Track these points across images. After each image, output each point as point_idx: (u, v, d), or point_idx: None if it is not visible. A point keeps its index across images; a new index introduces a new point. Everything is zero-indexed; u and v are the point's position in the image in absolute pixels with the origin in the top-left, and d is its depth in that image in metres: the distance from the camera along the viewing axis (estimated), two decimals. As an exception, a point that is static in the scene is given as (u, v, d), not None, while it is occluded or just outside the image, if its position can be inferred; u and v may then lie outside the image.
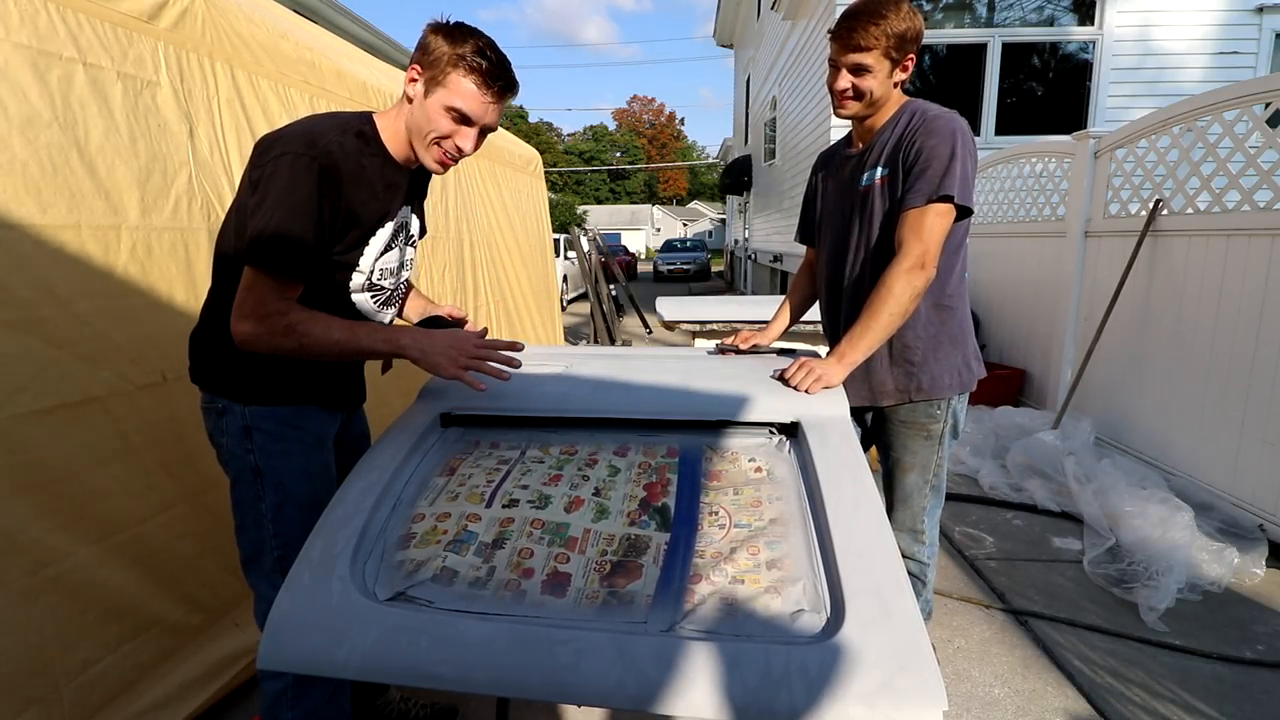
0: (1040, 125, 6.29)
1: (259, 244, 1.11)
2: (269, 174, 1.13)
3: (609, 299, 7.81)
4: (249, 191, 1.17)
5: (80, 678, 1.46)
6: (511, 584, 0.99)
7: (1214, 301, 2.95)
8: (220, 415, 1.28)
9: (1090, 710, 1.82)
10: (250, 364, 1.23)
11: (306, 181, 1.13)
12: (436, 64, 1.18)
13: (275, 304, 1.14)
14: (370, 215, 1.26)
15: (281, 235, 1.11)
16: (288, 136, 1.17)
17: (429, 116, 1.21)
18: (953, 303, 1.59)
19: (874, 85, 1.50)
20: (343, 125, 1.21)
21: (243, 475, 1.30)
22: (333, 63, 2.52)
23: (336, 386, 1.39)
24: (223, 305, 1.22)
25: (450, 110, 1.20)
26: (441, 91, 1.19)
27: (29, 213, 1.40)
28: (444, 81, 1.19)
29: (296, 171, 1.12)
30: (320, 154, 1.14)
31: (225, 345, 1.21)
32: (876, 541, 1.00)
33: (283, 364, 1.24)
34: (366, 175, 1.22)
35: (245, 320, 1.14)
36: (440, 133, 1.22)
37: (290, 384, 1.29)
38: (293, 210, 1.12)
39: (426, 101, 1.21)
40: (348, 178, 1.18)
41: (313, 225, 1.15)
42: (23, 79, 1.41)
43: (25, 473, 1.38)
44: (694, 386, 1.43)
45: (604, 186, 57.18)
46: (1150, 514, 2.60)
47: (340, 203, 1.18)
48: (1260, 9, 6.01)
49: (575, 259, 10.07)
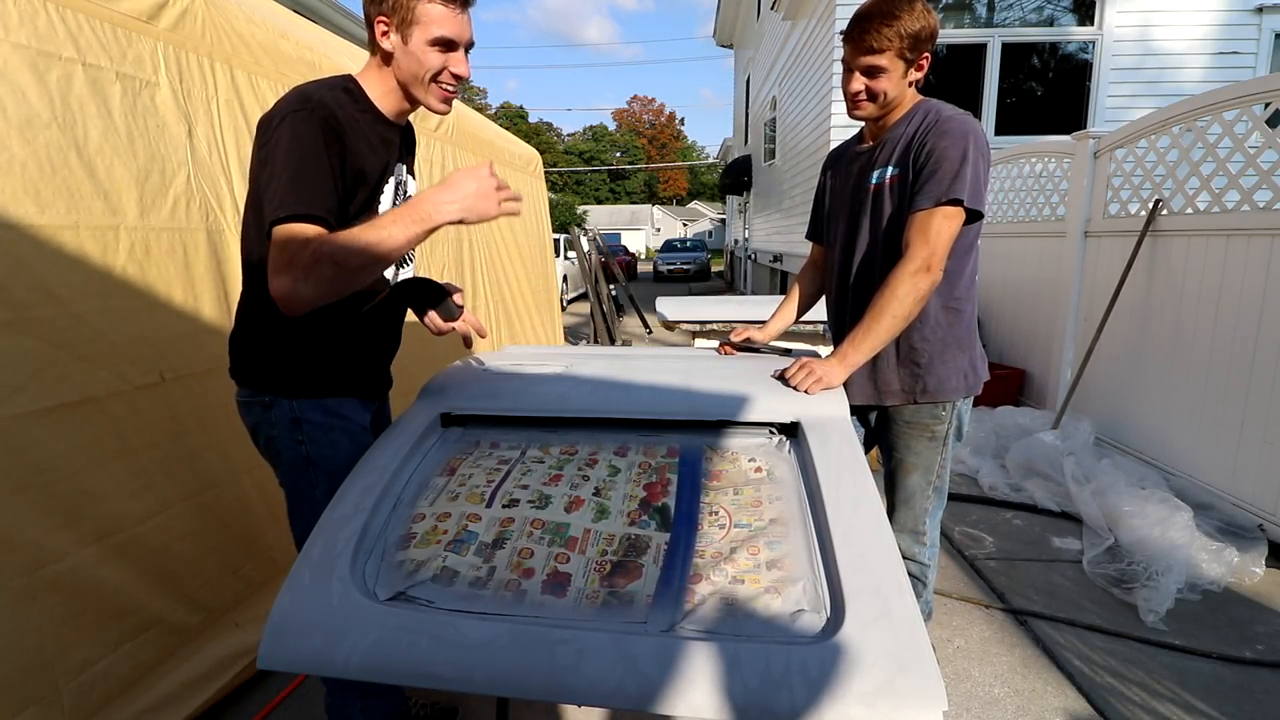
0: (1040, 125, 6.29)
1: (276, 199, 1.11)
2: (273, 141, 1.14)
3: (609, 299, 7.82)
4: (259, 168, 1.17)
5: (80, 677, 1.46)
6: (512, 584, 0.99)
7: (1214, 301, 2.95)
8: (267, 409, 1.30)
9: (1090, 710, 1.82)
10: (294, 359, 1.28)
11: (310, 134, 1.14)
12: (399, 6, 1.19)
13: (299, 250, 1.11)
14: (373, 169, 1.26)
15: (297, 183, 1.11)
16: (281, 105, 1.18)
17: (417, 59, 1.22)
18: (961, 305, 1.58)
19: (888, 87, 1.48)
20: (329, 84, 1.23)
21: (295, 465, 1.33)
22: (333, 63, 2.51)
23: (372, 377, 1.44)
24: (257, 303, 1.25)
25: (434, 43, 1.21)
26: (418, 29, 1.20)
27: (27, 213, 1.40)
28: (414, 19, 1.19)
29: (297, 128, 1.13)
30: (316, 106, 1.15)
31: (268, 342, 1.26)
32: (876, 541, 1.00)
33: (323, 358, 1.29)
34: (361, 128, 1.24)
35: (279, 275, 1.10)
36: (434, 69, 1.23)
37: (331, 377, 1.33)
38: (303, 161, 1.13)
39: (408, 47, 1.21)
40: (347, 127, 1.19)
41: (326, 172, 1.15)
42: (22, 79, 1.41)
43: (23, 473, 1.38)
44: (694, 386, 1.42)
45: (604, 186, 57.18)
46: (1150, 514, 2.60)
47: (345, 153, 1.19)
48: (1260, 9, 6.02)
49: (575, 259, 10.07)
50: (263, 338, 1.28)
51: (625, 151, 60.92)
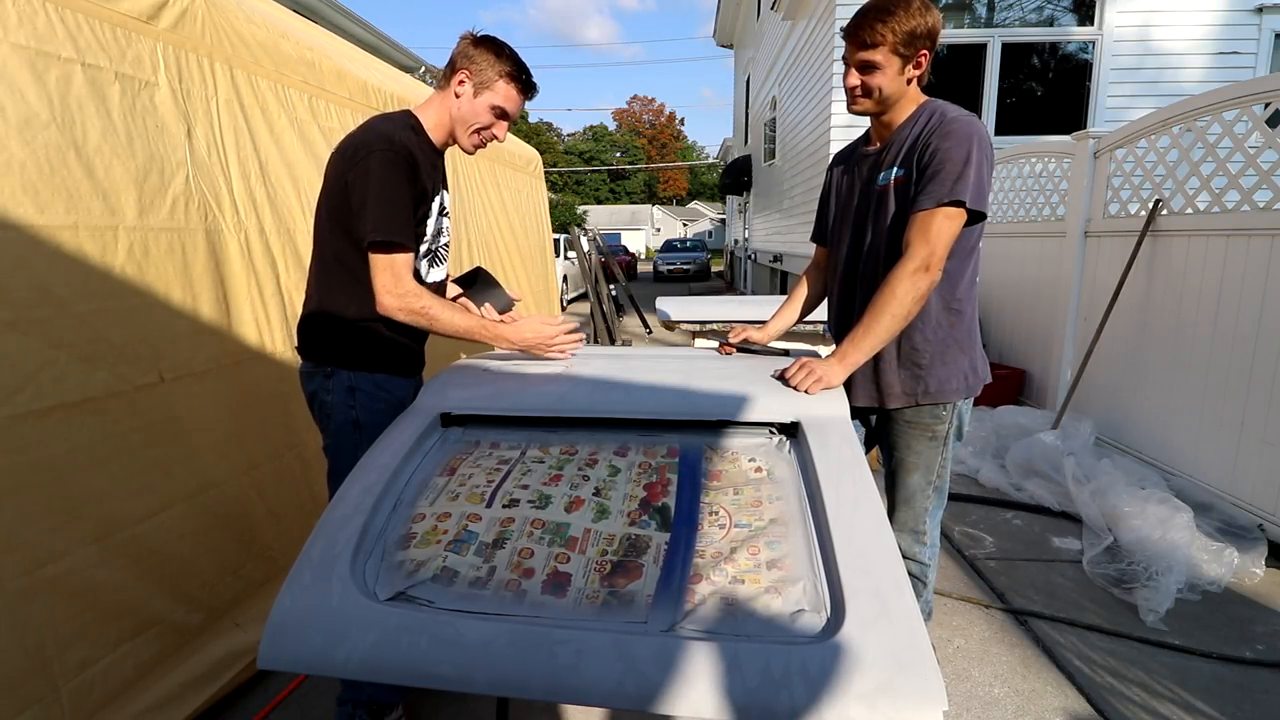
0: (1040, 125, 6.29)
1: (378, 230, 1.41)
2: (362, 173, 1.42)
3: (609, 299, 7.81)
4: (342, 188, 1.45)
5: (79, 677, 1.46)
6: (512, 584, 0.99)
7: (1213, 301, 2.95)
8: (328, 378, 1.55)
9: (1090, 710, 1.82)
10: (352, 339, 1.53)
11: (396, 173, 1.43)
12: (484, 72, 1.52)
13: (407, 282, 1.46)
14: (429, 190, 1.54)
15: (391, 218, 1.42)
16: (369, 139, 1.45)
17: (476, 112, 1.55)
18: (962, 306, 1.58)
19: (883, 83, 1.49)
20: (400, 124, 1.51)
21: (344, 427, 1.55)
22: (333, 63, 2.51)
23: (413, 357, 1.67)
24: (324, 293, 1.53)
25: (495, 109, 1.56)
26: (489, 94, 1.54)
27: (26, 213, 1.40)
28: (492, 87, 1.53)
29: (386, 167, 1.42)
30: (400, 148, 1.44)
31: (332, 326, 1.53)
32: (876, 541, 1.00)
33: (376, 339, 1.54)
34: (426, 159, 1.53)
35: (388, 296, 1.45)
36: (483, 124, 1.57)
37: (381, 356, 1.57)
38: (395, 200, 1.43)
39: (476, 100, 1.54)
40: (421, 163, 1.49)
41: (409, 206, 1.46)
42: (20, 79, 1.41)
43: (22, 473, 1.38)
44: (694, 386, 1.42)
45: (604, 186, 57.14)
46: (1150, 514, 2.60)
47: (416, 185, 1.48)
48: (1260, 9, 6.02)
49: (575, 259, 10.07)
50: (328, 322, 1.54)
51: (625, 151, 60.87)
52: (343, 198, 1.45)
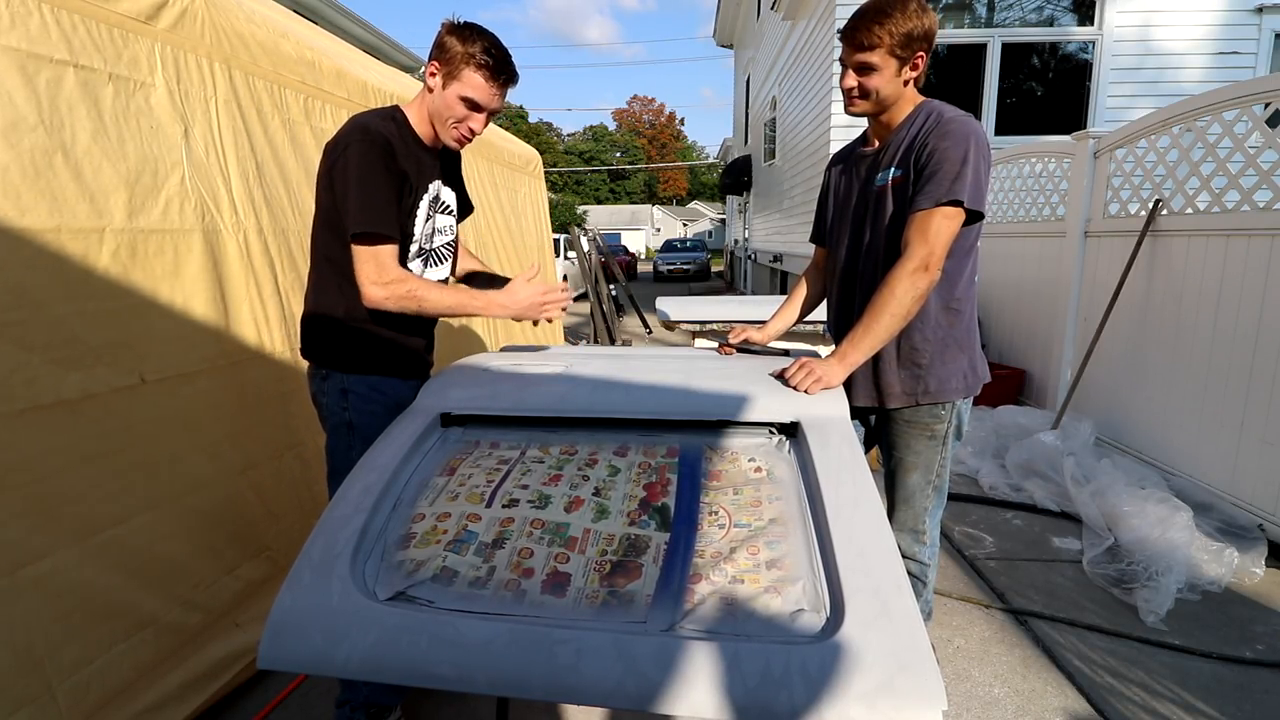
0: (1040, 125, 6.29)
1: (358, 222, 1.39)
2: (340, 166, 1.41)
3: (609, 299, 7.81)
4: (329, 185, 1.44)
5: (73, 677, 1.45)
6: (511, 584, 0.99)
7: (1213, 301, 2.94)
8: (324, 380, 1.55)
9: (1090, 710, 1.81)
10: (347, 342, 1.52)
11: (374, 160, 1.40)
12: (451, 60, 1.44)
13: (393, 271, 1.43)
14: (418, 183, 1.52)
15: (371, 208, 1.40)
16: (345, 134, 1.44)
17: (447, 104, 1.48)
18: (961, 306, 1.59)
19: (880, 84, 1.49)
20: (382, 115, 1.49)
21: (339, 429, 1.55)
22: (332, 63, 2.51)
23: (413, 360, 1.64)
24: (321, 295, 1.53)
25: (464, 99, 1.47)
26: (456, 84, 1.46)
27: (6, 216, 1.38)
28: (458, 76, 1.45)
29: (363, 156, 1.40)
30: (375, 135, 1.42)
31: (327, 327, 1.52)
32: (876, 541, 1.00)
33: (369, 340, 1.53)
34: (408, 150, 1.51)
35: (372, 286, 1.42)
36: (456, 117, 1.50)
37: (377, 357, 1.55)
38: (375, 189, 1.41)
39: (445, 92, 1.48)
40: (398, 150, 1.46)
41: (390, 195, 1.43)
42: (9, 83, 1.40)
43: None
44: (694, 386, 1.42)
45: (604, 186, 57.13)
46: (1149, 514, 2.60)
47: (395, 172, 1.44)
48: (1260, 9, 6.02)
49: (575, 259, 10.06)
50: (321, 323, 1.54)
51: (625, 151, 60.85)
52: (329, 195, 1.45)
